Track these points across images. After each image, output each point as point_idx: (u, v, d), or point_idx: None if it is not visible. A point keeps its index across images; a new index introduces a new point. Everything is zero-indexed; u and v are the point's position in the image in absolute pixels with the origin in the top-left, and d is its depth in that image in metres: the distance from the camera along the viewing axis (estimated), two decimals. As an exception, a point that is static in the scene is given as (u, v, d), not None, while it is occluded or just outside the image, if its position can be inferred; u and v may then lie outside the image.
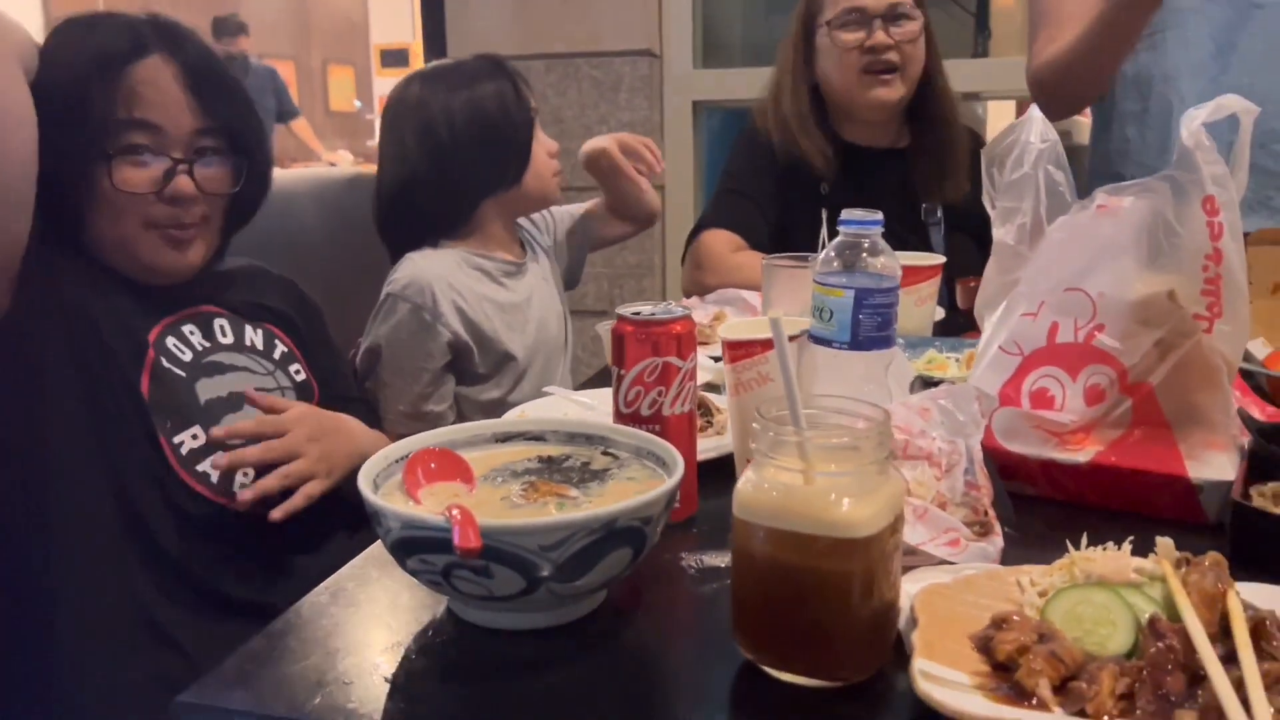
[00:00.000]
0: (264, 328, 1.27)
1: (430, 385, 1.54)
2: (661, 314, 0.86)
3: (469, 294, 1.56)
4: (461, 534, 0.60)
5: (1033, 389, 0.92)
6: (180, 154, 1.13)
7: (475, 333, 1.56)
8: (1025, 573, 0.70)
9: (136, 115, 1.09)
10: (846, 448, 0.62)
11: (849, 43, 1.80)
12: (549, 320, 1.71)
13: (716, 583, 0.78)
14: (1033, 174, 0.90)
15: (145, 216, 1.12)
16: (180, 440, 1.14)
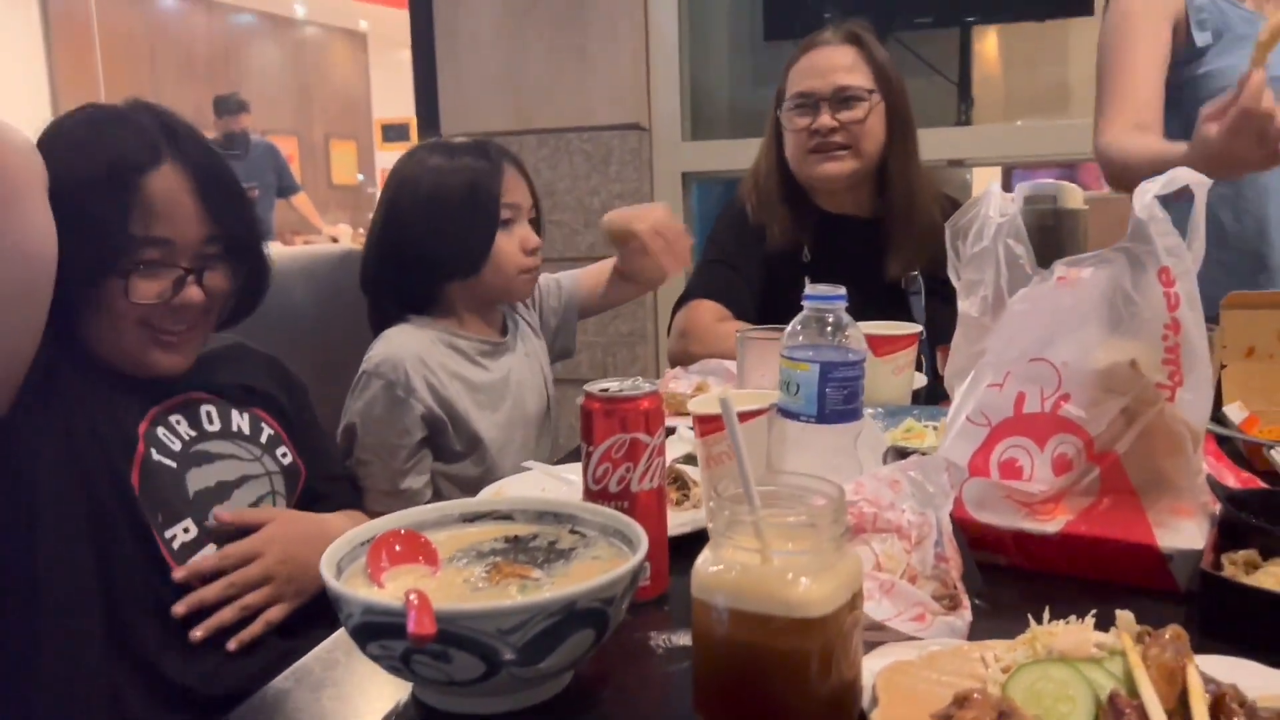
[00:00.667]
0: (250, 412, 1.26)
1: (407, 461, 1.53)
2: (629, 390, 0.86)
3: (441, 372, 1.55)
4: (416, 620, 0.60)
5: (1001, 459, 0.92)
6: (188, 263, 1.13)
7: (448, 410, 1.55)
8: (990, 648, 0.70)
9: (153, 233, 1.09)
10: (802, 525, 0.63)
11: (798, 125, 1.87)
12: (527, 398, 1.69)
13: (685, 662, 0.77)
14: (993, 247, 0.92)
15: (143, 318, 1.12)
16: (172, 534, 1.13)
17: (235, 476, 1.21)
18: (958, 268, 0.97)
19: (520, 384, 1.68)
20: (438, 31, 3.08)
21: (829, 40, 1.89)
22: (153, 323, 1.12)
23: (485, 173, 1.56)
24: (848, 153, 1.84)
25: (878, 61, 1.87)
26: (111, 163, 1.08)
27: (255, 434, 1.26)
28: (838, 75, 1.84)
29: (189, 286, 1.12)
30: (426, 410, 1.53)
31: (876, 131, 1.85)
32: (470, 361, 1.61)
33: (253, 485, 1.22)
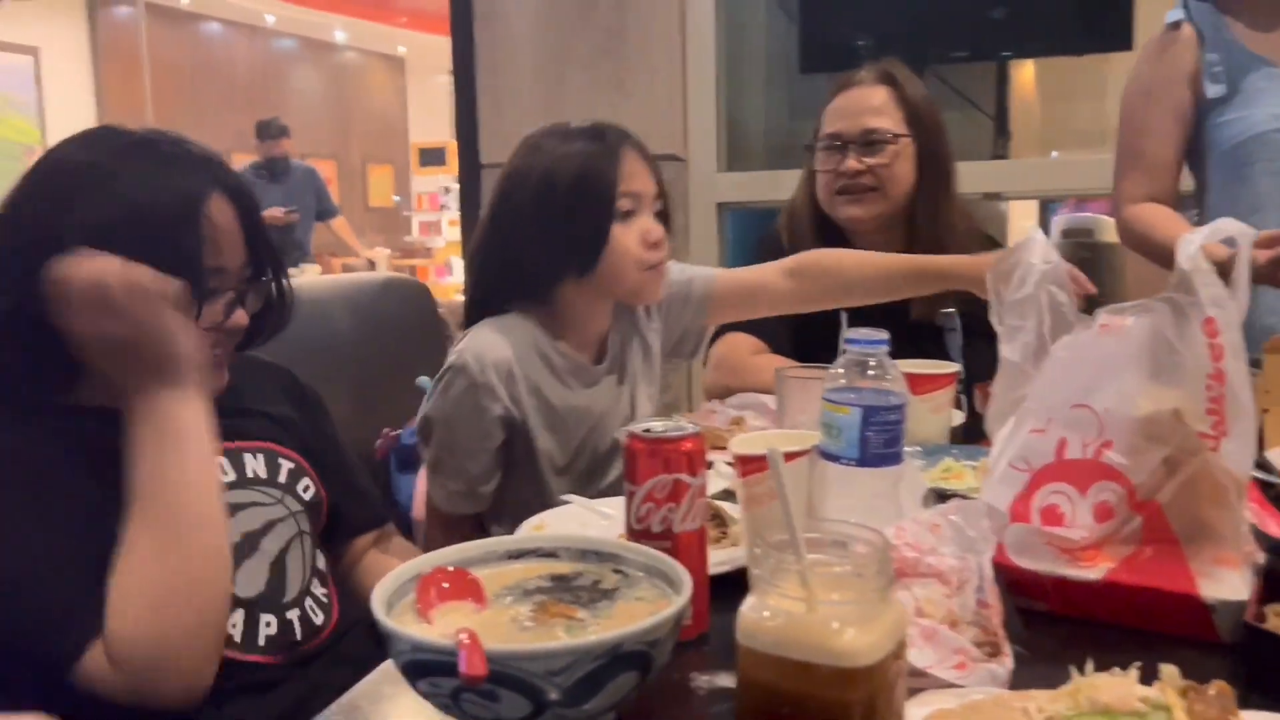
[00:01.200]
0: (264, 450, 1.23)
1: (484, 466, 1.47)
2: (673, 431, 0.88)
3: (524, 383, 1.46)
4: (468, 660, 0.62)
5: (1043, 505, 0.93)
6: (234, 289, 1.15)
7: (523, 418, 1.47)
8: (1032, 698, 0.70)
9: (215, 263, 1.12)
10: (848, 575, 0.63)
11: (825, 166, 1.88)
12: (604, 434, 1.57)
13: (726, 704, 0.78)
14: (1035, 294, 0.92)
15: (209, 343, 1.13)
16: None
17: (260, 524, 1.17)
18: (999, 312, 0.98)
19: (602, 417, 1.57)
20: (478, 60, 3.13)
21: (862, 80, 1.90)
22: (210, 346, 1.13)
23: (599, 157, 1.42)
24: (875, 195, 1.85)
25: (911, 102, 1.88)
26: (181, 194, 1.09)
27: (273, 474, 1.22)
28: (866, 118, 1.85)
29: (238, 310, 1.15)
30: (505, 414, 1.45)
31: (904, 174, 1.86)
32: (557, 379, 1.51)
33: (280, 530, 1.19)
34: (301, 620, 1.16)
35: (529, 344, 1.48)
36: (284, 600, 1.16)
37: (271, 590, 1.15)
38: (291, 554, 1.19)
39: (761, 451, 0.94)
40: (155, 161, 1.11)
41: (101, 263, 1.01)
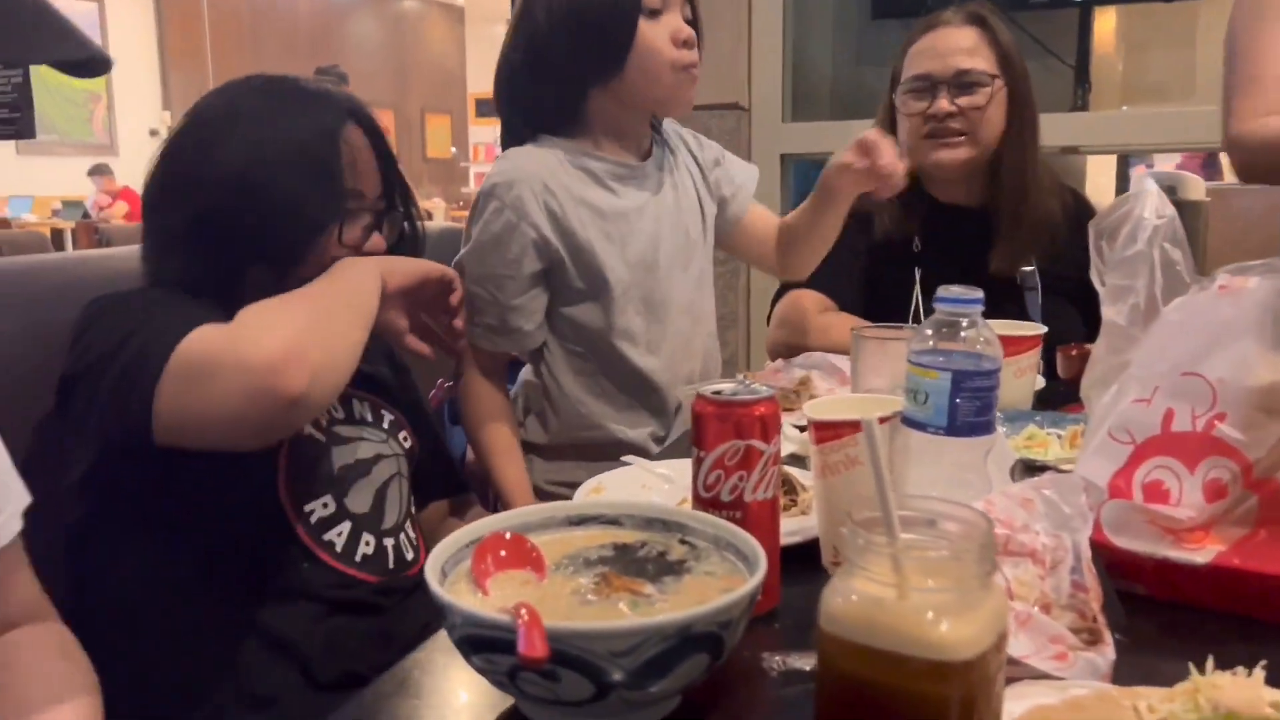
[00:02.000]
0: (369, 400, 1.27)
1: (518, 296, 1.43)
2: (744, 394, 0.82)
3: (564, 195, 1.42)
4: (527, 640, 0.57)
5: (1146, 481, 0.85)
6: (372, 215, 1.21)
7: (569, 240, 1.43)
8: (1142, 696, 0.64)
9: (356, 187, 1.19)
10: (946, 561, 0.57)
11: (914, 109, 1.79)
12: (663, 238, 1.52)
13: (801, 686, 0.73)
14: (1147, 251, 0.84)
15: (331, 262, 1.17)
16: (311, 508, 1.13)
17: (371, 455, 1.21)
18: (1102, 271, 0.90)
19: (658, 221, 1.52)
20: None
21: (950, 20, 1.80)
22: None
23: None
24: (964, 140, 1.76)
25: (1002, 45, 1.78)
26: (322, 121, 1.16)
27: (378, 420, 1.27)
28: (958, 58, 1.75)
29: (375, 234, 1.21)
30: (540, 238, 1.41)
31: (996, 119, 1.76)
32: (599, 185, 1.47)
33: (385, 464, 1.23)
34: (395, 549, 1.19)
35: (562, 159, 1.46)
36: (383, 526, 1.19)
37: (374, 513, 1.18)
38: (392, 488, 1.23)
39: (838, 417, 0.88)
40: (295, 98, 1.19)
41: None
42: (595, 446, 1.53)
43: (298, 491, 1.12)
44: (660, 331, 1.54)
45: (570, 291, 1.48)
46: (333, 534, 1.14)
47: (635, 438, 1.53)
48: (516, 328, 1.46)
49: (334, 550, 1.13)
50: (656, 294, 1.52)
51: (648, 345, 1.53)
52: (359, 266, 1.14)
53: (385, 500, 1.21)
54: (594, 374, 1.53)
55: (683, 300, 1.57)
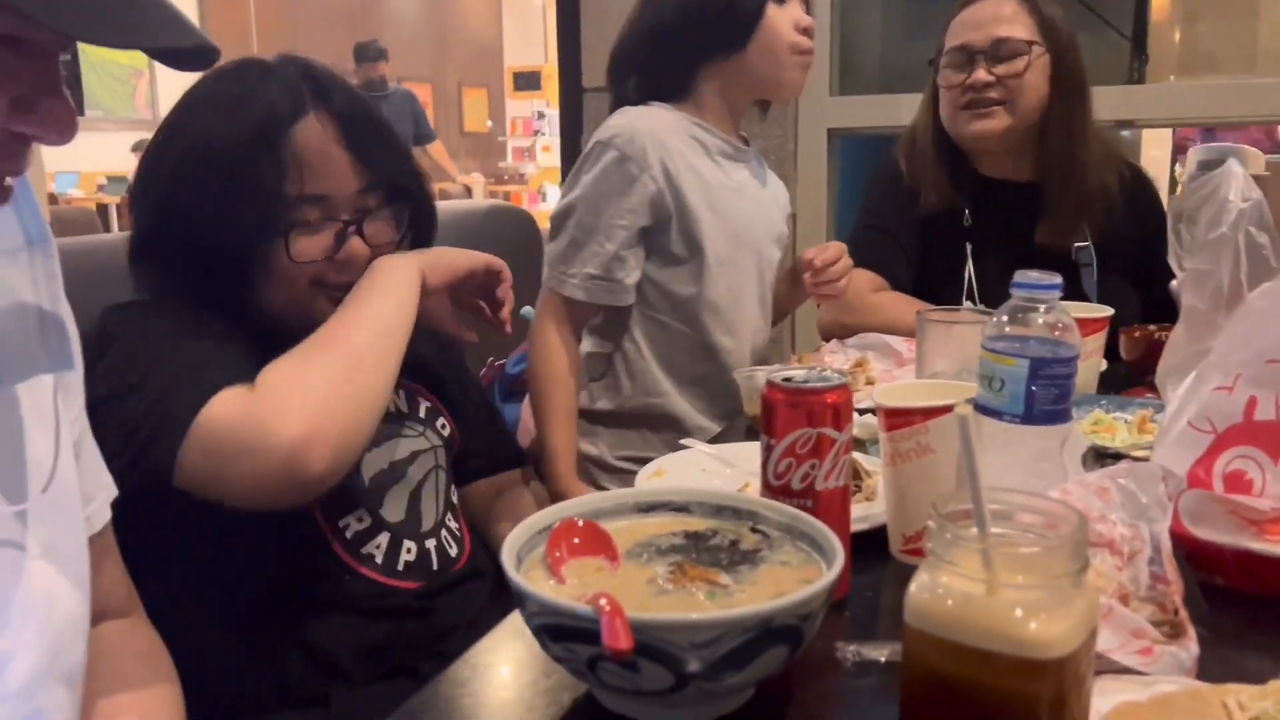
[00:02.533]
0: (404, 388, 1.23)
1: (627, 248, 1.44)
2: (816, 381, 0.81)
3: (678, 158, 1.44)
4: (610, 632, 0.57)
5: (1227, 471, 0.84)
6: (348, 215, 1.09)
7: (678, 200, 1.44)
8: (1232, 693, 0.63)
9: (308, 190, 1.05)
10: (1038, 557, 0.56)
11: (952, 81, 1.75)
12: (756, 223, 1.55)
13: (875, 678, 0.72)
14: (1232, 235, 0.82)
15: (315, 277, 1.08)
16: (345, 524, 1.10)
17: (406, 454, 1.17)
18: (1180, 255, 0.87)
19: (754, 204, 1.56)
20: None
21: None
22: (325, 281, 1.09)
23: None
24: (1001, 109, 1.71)
25: (1043, 12, 1.73)
26: (260, 118, 1.04)
27: (414, 410, 1.23)
28: (996, 27, 1.72)
29: (351, 240, 1.08)
30: (657, 192, 1.43)
31: (1037, 86, 1.71)
32: (709, 157, 1.50)
33: (422, 461, 1.19)
34: (438, 549, 1.17)
35: (678, 125, 1.47)
36: (422, 529, 1.16)
37: (410, 519, 1.15)
38: (428, 486, 1.20)
39: (908, 404, 0.87)
40: (239, 95, 1.07)
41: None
42: (661, 417, 1.53)
43: (331, 509, 1.09)
44: (739, 315, 1.55)
45: (667, 255, 1.48)
46: (371, 547, 1.11)
47: (698, 414, 1.54)
48: (619, 280, 1.46)
49: (374, 563, 1.10)
50: (742, 275, 1.55)
51: (729, 326, 1.54)
52: (396, 271, 1.06)
53: (420, 502, 1.17)
54: (669, 345, 1.53)
55: (760, 290, 1.60)
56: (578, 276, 1.46)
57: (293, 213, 1.05)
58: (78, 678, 0.69)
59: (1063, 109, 1.74)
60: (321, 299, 1.09)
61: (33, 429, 0.68)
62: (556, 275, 1.49)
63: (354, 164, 1.08)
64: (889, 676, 0.72)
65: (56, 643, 0.66)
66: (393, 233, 1.14)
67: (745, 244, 1.54)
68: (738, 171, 1.54)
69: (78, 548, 0.72)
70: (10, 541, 0.64)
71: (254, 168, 1.03)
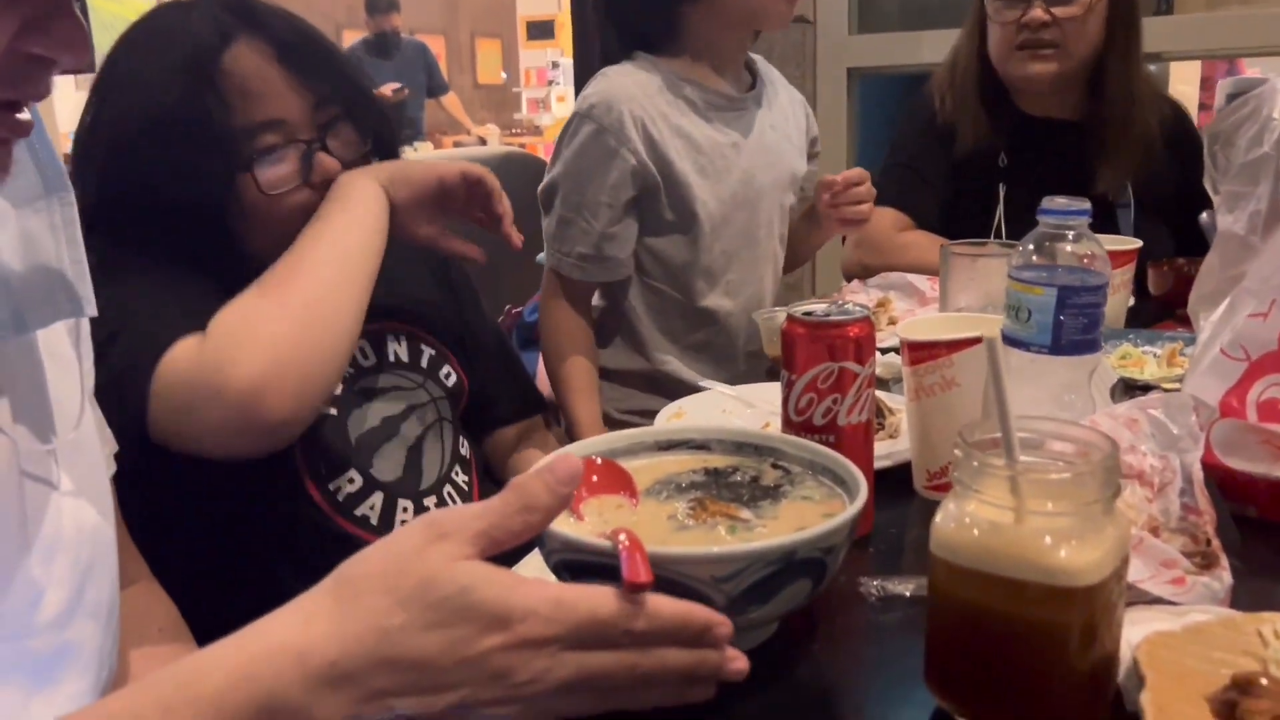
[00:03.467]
0: (406, 333, 1.18)
1: (612, 224, 1.40)
2: (837, 314, 0.79)
3: (662, 123, 1.40)
4: (630, 566, 0.55)
5: (1261, 399, 0.81)
6: (308, 134, 1.04)
7: (664, 169, 1.40)
8: (1268, 621, 0.61)
9: (258, 118, 1.01)
10: (1067, 484, 0.55)
11: (1006, 18, 1.68)
12: (758, 174, 1.49)
13: (900, 612, 0.71)
14: (1273, 155, 0.79)
15: (297, 206, 1.03)
16: (337, 486, 1.07)
17: (401, 409, 1.14)
18: (1215, 179, 0.84)
19: (757, 153, 1.50)
20: (594, -78, 2.95)
21: None
22: (307, 206, 1.03)
23: None
24: (1056, 52, 1.65)
25: None
26: (186, 55, 0.99)
27: (415, 359, 1.18)
28: None
29: (319, 157, 1.04)
30: (639, 165, 1.38)
31: (1094, 31, 1.65)
32: (698, 115, 1.44)
33: (419, 415, 1.16)
34: (438, 506, 1.13)
35: (661, 82, 1.42)
36: (420, 487, 1.13)
37: (409, 476, 1.12)
38: (429, 440, 1.16)
39: (932, 337, 0.85)
40: (160, 32, 1.03)
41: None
42: (665, 379, 1.51)
43: (320, 472, 1.06)
44: (739, 276, 1.51)
45: (659, 222, 1.44)
46: (365, 508, 1.08)
47: (701, 379, 1.52)
48: (611, 256, 1.43)
49: (370, 525, 1.07)
50: (741, 236, 1.50)
51: (726, 288, 1.50)
52: (355, 189, 1.01)
53: (422, 457, 1.14)
54: (666, 312, 1.50)
55: (767, 246, 1.55)
56: (571, 256, 1.43)
57: (248, 144, 1.01)
58: (103, 613, 0.70)
59: (1121, 50, 1.68)
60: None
61: (55, 372, 0.69)
62: (553, 254, 1.45)
63: (298, 83, 1.03)
64: (914, 611, 0.71)
65: (85, 577, 0.67)
66: (360, 144, 1.10)
67: (744, 202, 1.48)
68: (735, 123, 1.48)
69: (103, 488, 0.73)
70: (42, 478, 0.65)
71: (194, 109, 0.98)
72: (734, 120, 1.47)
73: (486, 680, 0.50)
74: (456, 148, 6.89)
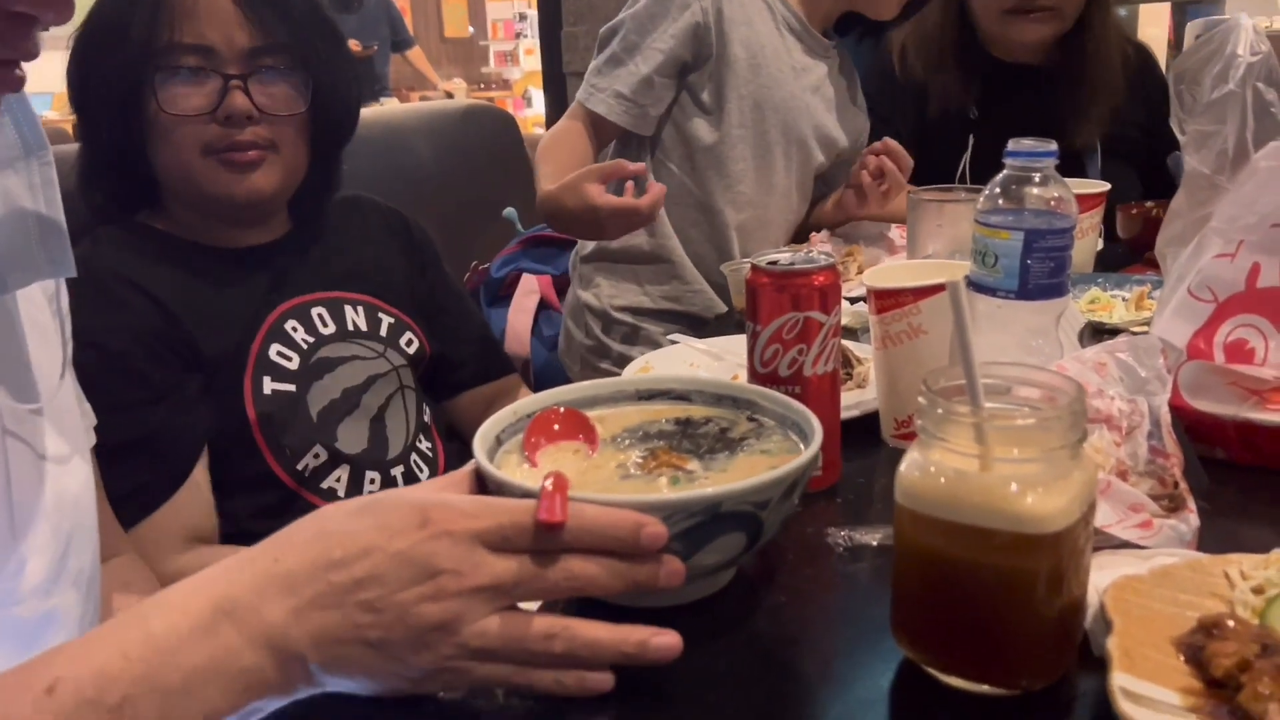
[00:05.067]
0: (364, 302, 1.17)
1: (659, 74, 1.44)
2: (801, 263, 0.77)
3: (738, 8, 1.45)
4: (547, 507, 0.54)
5: (1228, 340, 0.81)
6: (234, 71, 1.02)
7: (721, 41, 1.44)
8: (1234, 563, 0.61)
9: (186, 39, 1.00)
10: (1033, 430, 0.54)
11: None
12: (805, 114, 1.53)
13: (867, 562, 0.71)
14: (1239, 92, 0.78)
15: (202, 142, 1.03)
16: (303, 464, 1.06)
17: (361, 379, 1.12)
18: (1182, 118, 0.83)
19: (808, 93, 1.53)
20: None
21: None
22: (212, 143, 1.03)
23: None
24: (1053, 14, 1.62)
25: None
26: None
27: (374, 327, 1.16)
28: None
29: (233, 93, 1.02)
30: (703, 24, 1.43)
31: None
32: (775, 26, 1.50)
33: (380, 385, 1.14)
34: (405, 476, 1.13)
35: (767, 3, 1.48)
36: (387, 457, 1.12)
37: (374, 447, 1.11)
38: (392, 410, 1.14)
39: (899, 284, 0.84)
40: None
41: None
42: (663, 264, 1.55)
43: (283, 448, 1.06)
44: (750, 191, 1.53)
45: (695, 99, 1.48)
46: (331, 481, 1.07)
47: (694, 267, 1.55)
48: (643, 105, 1.45)
49: (338, 498, 1.04)
50: (767, 154, 1.52)
51: (736, 199, 1.52)
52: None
53: (386, 427, 1.13)
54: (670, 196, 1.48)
55: (790, 182, 1.57)
56: (607, 92, 1.45)
57: (162, 59, 1.00)
58: (84, 581, 0.70)
59: (1104, 5, 1.65)
60: (213, 168, 1.04)
61: (34, 334, 0.69)
62: (588, 88, 1.47)
63: (243, 18, 1.02)
64: (881, 560, 0.70)
65: (67, 545, 0.67)
66: (291, 102, 1.07)
67: (780, 123, 1.50)
68: (807, 59, 1.52)
69: (83, 458, 0.73)
70: (26, 440, 0.65)
71: (125, 17, 1.00)
72: (803, 54, 1.52)
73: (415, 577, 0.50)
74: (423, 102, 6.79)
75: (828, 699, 0.59)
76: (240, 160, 1.04)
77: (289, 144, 1.08)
